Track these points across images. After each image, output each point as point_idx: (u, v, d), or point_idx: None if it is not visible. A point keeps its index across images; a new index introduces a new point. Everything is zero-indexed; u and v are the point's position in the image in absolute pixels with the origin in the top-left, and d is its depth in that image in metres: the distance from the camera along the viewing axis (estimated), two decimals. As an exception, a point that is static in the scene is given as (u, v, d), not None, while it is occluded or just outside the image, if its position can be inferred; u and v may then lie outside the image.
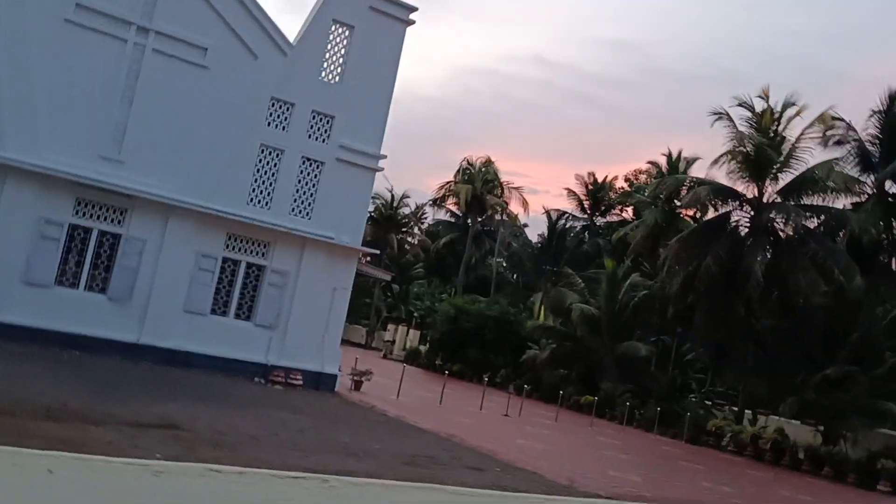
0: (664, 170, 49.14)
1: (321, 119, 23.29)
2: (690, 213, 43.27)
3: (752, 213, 33.12)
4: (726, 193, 33.23)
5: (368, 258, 26.97)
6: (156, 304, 21.02)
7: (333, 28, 23.42)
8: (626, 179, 55.77)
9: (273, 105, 22.67)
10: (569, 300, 40.12)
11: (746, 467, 26.54)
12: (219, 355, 21.77)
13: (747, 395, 33.03)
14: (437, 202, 56.47)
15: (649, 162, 50.89)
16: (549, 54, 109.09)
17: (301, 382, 22.60)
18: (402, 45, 24.25)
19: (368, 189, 24.57)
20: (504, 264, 64.43)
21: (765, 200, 32.61)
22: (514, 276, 61.12)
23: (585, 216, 57.42)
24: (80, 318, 20.10)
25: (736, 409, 33.20)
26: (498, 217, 60.14)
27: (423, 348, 47.74)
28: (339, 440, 15.36)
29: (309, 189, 23.21)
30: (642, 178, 54.61)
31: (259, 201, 22.51)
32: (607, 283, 38.59)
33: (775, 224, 32.48)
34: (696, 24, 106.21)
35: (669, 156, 49.75)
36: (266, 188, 22.66)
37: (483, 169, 53.53)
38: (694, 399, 34.75)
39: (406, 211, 61.91)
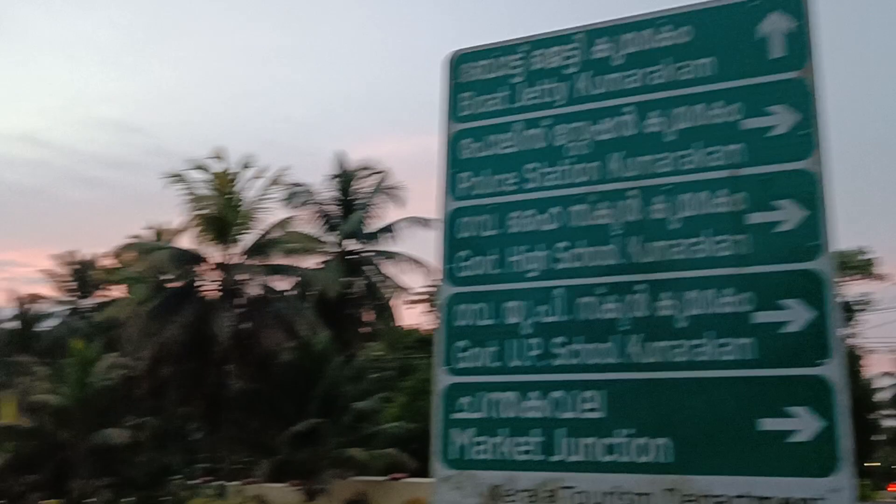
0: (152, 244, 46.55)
1: None
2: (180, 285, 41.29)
3: (221, 276, 32.26)
4: (189, 258, 31.94)
5: None
6: None
7: None
8: (114, 256, 51.81)
9: None
10: (36, 393, 35.12)
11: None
12: None
13: (230, 466, 31.65)
14: None
15: (133, 236, 47.76)
16: (43, 133, 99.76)
17: None
18: None
19: None
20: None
21: (231, 262, 31.97)
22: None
23: (70, 299, 51.94)
24: None
25: (220, 482, 31.52)
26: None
27: None
28: None
29: None
30: (130, 254, 51.19)
31: None
32: (77, 368, 34.49)
33: (242, 285, 31.97)
34: (200, 110, 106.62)
35: (154, 228, 47.43)
36: None
37: (-80, 250, 45.18)
38: (178, 480, 32.22)
39: None
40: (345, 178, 36.47)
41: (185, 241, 38.33)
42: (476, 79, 2.96)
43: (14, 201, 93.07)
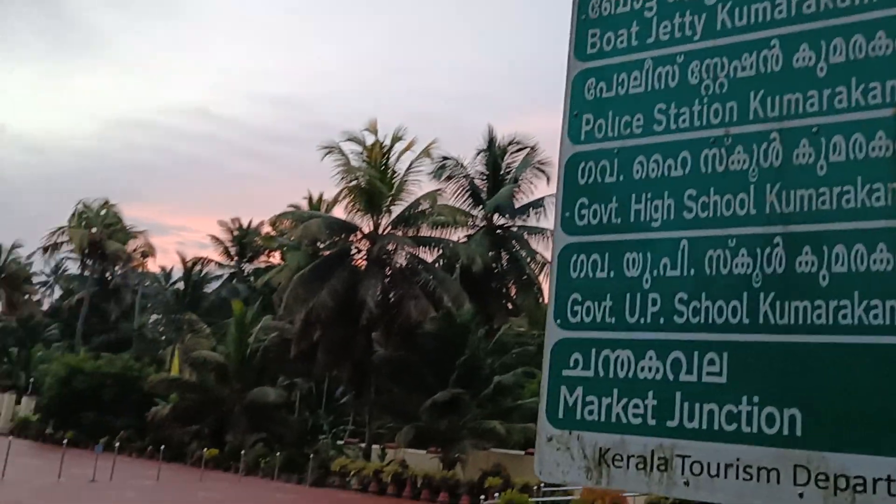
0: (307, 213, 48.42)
1: None
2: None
3: (370, 245, 33.13)
4: (341, 227, 32.95)
5: None
6: None
7: None
8: (272, 224, 54.37)
9: None
10: (199, 349, 37.62)
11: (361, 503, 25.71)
12: None
13: (374, 430, 32.61)
14: (49, 250, 50.28)
15: (290, 205, 49.86)
16: (213, 108, 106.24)
17: None
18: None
19: None
20: (151, 319, 59.73)
21: (380, 232, 32.76)
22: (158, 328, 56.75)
23: (233, 263, 55.02)
24: None
25: (364, 445, 32.63)
26: (139, 269, 55.62)
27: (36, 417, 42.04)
28: None
29: None
30: (287, 222, 53.54)
31: None
32: (235, 328, 36.58)
33: (390, 255, 32.71)
34: (358, 85, 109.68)
35: (310, 198, 49.33)
36: None
37: (103, 212, 48.79)
38: (325, 440, 33.61)
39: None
40: (493, 152, 36.45)
41: (339, 211, 39.61)
42: (604, 14, 2.75)
43: (186, 171, 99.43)
